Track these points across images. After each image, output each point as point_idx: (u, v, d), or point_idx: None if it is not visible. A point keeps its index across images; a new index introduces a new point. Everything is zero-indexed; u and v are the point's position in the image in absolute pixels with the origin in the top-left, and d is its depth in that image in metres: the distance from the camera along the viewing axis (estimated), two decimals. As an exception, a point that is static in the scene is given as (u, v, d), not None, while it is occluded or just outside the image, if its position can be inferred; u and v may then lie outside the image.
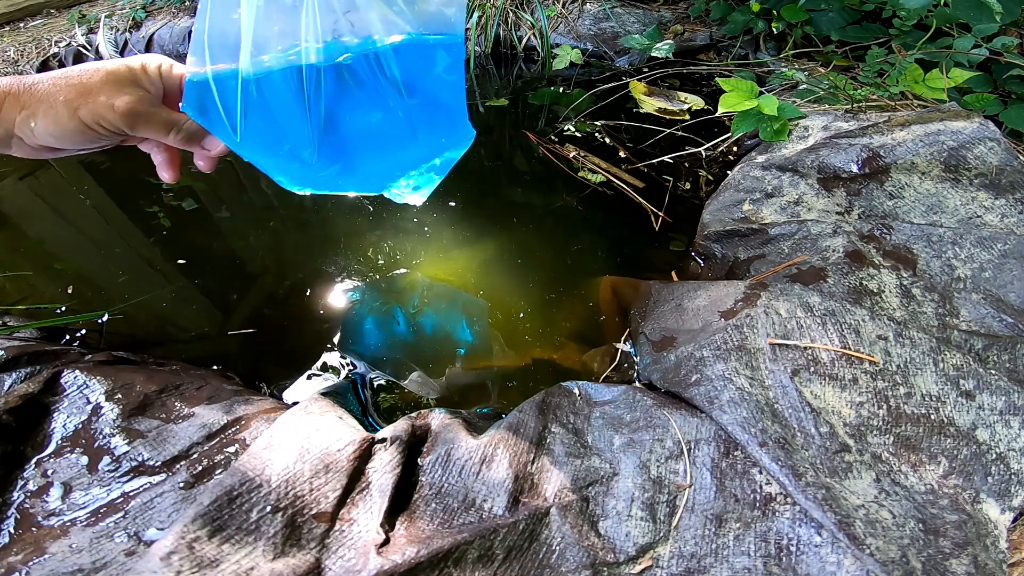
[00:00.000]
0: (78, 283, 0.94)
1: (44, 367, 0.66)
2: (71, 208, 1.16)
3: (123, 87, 0.39)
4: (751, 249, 0.80)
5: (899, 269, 0.70)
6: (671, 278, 0.84)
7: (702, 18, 1.48)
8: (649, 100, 1.24)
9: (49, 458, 0.57)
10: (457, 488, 0.53)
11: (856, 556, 0.44)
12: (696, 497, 0.51)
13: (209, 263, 0.96)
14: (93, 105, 0.38)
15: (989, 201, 0.75)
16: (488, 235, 0.95)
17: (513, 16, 1.55)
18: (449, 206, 1.02)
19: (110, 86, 0.39)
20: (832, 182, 0.82)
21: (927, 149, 0.78)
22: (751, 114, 0.95)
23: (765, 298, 0.65)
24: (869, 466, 0.50)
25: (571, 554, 0.48)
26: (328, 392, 0.66)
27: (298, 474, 0.50)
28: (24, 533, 0.51)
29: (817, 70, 1.17)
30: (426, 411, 0.63)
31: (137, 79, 0.40)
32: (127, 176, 1.24)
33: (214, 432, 0.60)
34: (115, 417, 0.60)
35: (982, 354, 0.60)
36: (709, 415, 0.56)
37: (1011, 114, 0.92)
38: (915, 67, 0.97)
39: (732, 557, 0.47)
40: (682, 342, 0.66)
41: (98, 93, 0.38)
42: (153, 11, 1.97)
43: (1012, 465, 0.51)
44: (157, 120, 0.41)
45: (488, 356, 0.77)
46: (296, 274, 0.92)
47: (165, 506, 0.52)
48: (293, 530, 0.47)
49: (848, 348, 0.59)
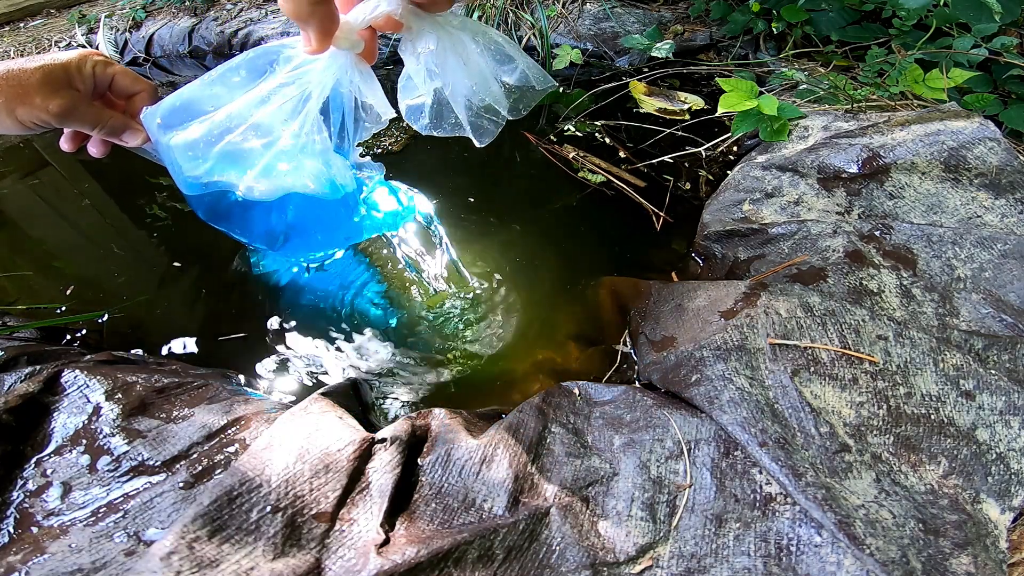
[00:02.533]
0: (78, 283, 0.94)
1: (44, 367, 0.66)
2: (71, 208, 1.16)
3: (58, 89, 0.44)
4: (751, 249, 0.80)
5: (899, 269, 0.70)
6: (671, 278, 0.84)
7: (702, 18, 1.48)
8: (649, 100, 1.24)
9: (49, 458, 0.57)
10: (457, 488, 0.53)
11: (856, 556, 0.44)
12: (696, 497, 0.51)
13: (209, 263, 0.96)
14: (28, 107, 0.43)
15: (989, 201, 0.75)
16: (487, 235, 0.95)
17: (513, 16, 1.55)
18: (449, 206, 1.02)
19: (46, 88, 0.43)
20: (832, 182, 0.82)
21: (927, 149, 0.78)
22: (751, 114, 0.95)
23: (765, 298, 0.65)
24: (869, 466, 0.50)
25: (571, 554, 0.48)
26: (328, 392, 0.66)
27: (298, 474, 0.50)
28: (24, 533, 0.51)
29: (817, 70, 1.17)
30: (426, 411, 0.63)
31: (71, 80, 0.45)
32: (127, 176, 1.24)
33: (214, 432, 0.60)
34: (115, 417, 0.60)
35: (982, 354, 0.60)
36: (709, 415, 0.56)
37: (1011, 114, 0.92)
38: (915, 67, 0.97)
39: (732, 557, 0.47)
40: (682, 342, 0.66)
41: (34, 95, 0.43)
42: (153, 11, 1.97)
43: (1012, 465, 0.51)
44: (86, 118, 0.46)
45: (488, 357, 0.77)
46: (295, 274, 0.92)
47: (165, 506, 0.52)
48: (293, 530, 0.47)
49: (848, 348, 0.59)
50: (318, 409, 0.59)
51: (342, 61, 0.41)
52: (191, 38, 1.87)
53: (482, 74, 0.42)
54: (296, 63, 0.41)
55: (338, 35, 0.38)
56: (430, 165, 1.14)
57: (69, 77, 0.45)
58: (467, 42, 0.41)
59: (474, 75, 0.42)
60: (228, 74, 0.44)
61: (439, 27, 0.40)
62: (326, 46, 0.37)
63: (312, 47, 0.37)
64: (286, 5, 0.34)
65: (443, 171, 1.11)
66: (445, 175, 1.10)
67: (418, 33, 0.40)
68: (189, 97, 0.45)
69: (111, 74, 0.48)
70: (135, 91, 0.50)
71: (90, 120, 0.46)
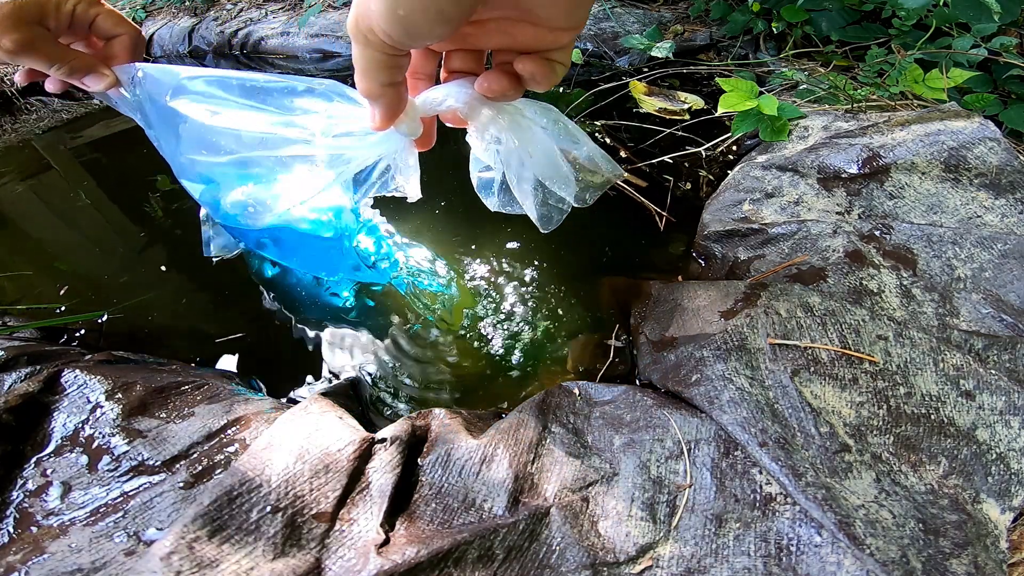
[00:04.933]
0: (78, 283, 0.94)
1: (44, 367, 0.66)
2: (71, 208, 1.16)
3: (19, 25, 0.42)
4: (751, 249, 0.80)
5: (899, 269, 0.70)
6: (674, 278, 0.84)
7: (702, 18, 1.48)
8: (649, 100, 1.24)
9: (49, 457, 0.57)
10: (457, 488, 0.53)
11: (856, 556, 0.44)
12: (696, 497, 0.51)
13: (209, 263, 0.96)
14: None
15: (989, 201, 0.75)
16: (488, 235, 0.95)
17: (513, 16, 1.55)
18: (448, 205, 1.03)
19: (7, 21, 0.42)
20: (832, 182, 0.82)
21: (927, 149, 0.78)
22: (751, 114, 0.95)
23: (765, 298, 0.65)
24: (869, 466, 0.50)
25: (571, 554, 0.48)
26: (328, 392, 0.66)
27: (298, 474, 0.50)
28: (23, 532, 0.51)
29: (817, 70, 1.17)
30: (426, 411, 0.63)
31: (44, 16, 0.43)
32: (127, 176, 1.24)
33: (214, 432, 0.60)
34: (115, 417, 0.60)
35: (982, 354, 0.60)
36: (709, 415, 0.56)
37: (1011, 114, 0.92)
38: (915, 67, 0.97)
39: (732, 557, 0.47)
40: (682, 342, 0.66)
41: None
42: (153, 11, 1.97)
43: (1012, 465, 0.51)
44: (43, 56, 0.44)
45: (488, 356, 0.77)
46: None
47: (165, 506, 0.52)
48: (293, 530, 0.47)
49: (848, 348, 0.59)
50: (318, 409, 0.59)
51: (396, 144, 0.40)
52: (191, 38, 1.87)
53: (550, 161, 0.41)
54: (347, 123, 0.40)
55: (401, 118, 0.36)
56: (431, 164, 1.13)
57: (42, 13, 0.43)
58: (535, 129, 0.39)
59: (541, 165, 0.41)
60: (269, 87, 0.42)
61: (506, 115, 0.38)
62: (388, 126, 0.36)
63: (375, 124, 0.36)
64: (360, 82, 0.33)
65: (443, 170, 1.11)
66: (446, 174, 1.10)
67: (485, 125, 0.38)
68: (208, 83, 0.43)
69: (94, 14, 0.46)
70: (116, 33, 0.48)
71: (46, 59, 0.44)
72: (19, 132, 1.48)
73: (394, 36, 0.27)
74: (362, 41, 0.29)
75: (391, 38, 0.27)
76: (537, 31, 0.31)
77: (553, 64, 0.33)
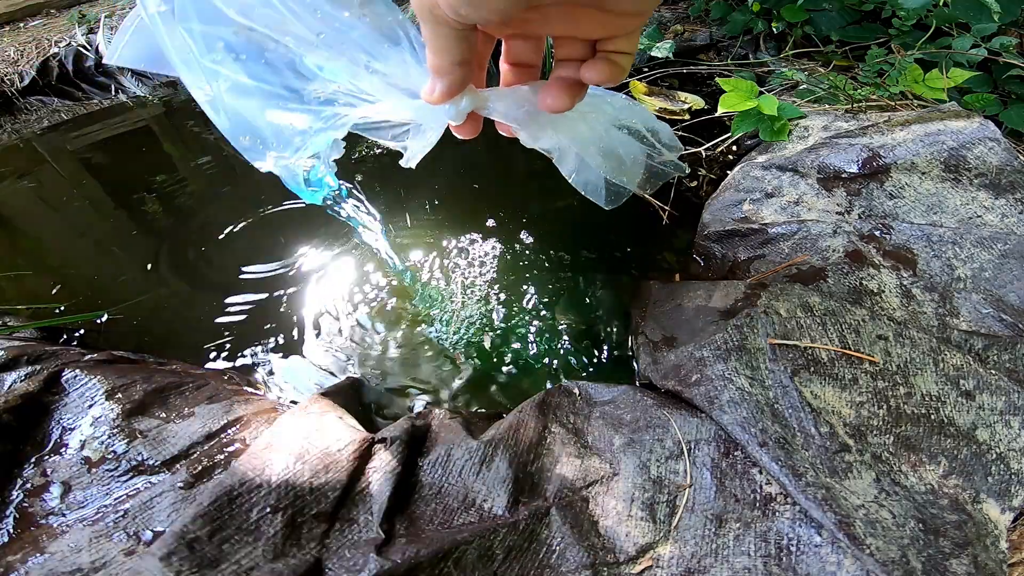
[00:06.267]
0: (78, 283, 0.94)
1: (44, 367, 0.66)
2: (71, 208, 1.16)
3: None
4: (751, 249, 0.80)
5: (899, 269, 0.70)
6: (672, 278, 0.84)
7: (702, 18, 1.48)
8: (649, 100, 1.24)
9: (49, 457, 0.57)
10: (457, 488, 0.53)
11: (856, 556, 0.44)
12: (696, 497, 0.51)
13: (209, 263, 0.96)
14: None
15: (989, 201, 0.75)
16: (489, 235, 0.95)
17: (513, 16, 1.55)
18: (448, 206, 1.03)
19: None
20: (832, 182, 0.82)
21: (927, 149, 0.78)
22: (751, 114, 0.95)
23: (765, 298, 0.65)
24: (869, 466, 0.50)
25: (571, 554, 0.48)
26: (328, 392, 0.66)
27: (298, 474, 0.50)
28: (23, 532, 0.51)
29: (817, 70, 1.17)
30: (426, 411, 0.63)
31: None
32: (127, 176, 1.24)
33: (214, 432, 0.60)
34: (115, 417, 0.60)
35: (982, 354, 0.60)
36: (709, 415, 0.56)
37: (1011, 114, 0.92)
38: (915, 67, 0.97)
39: (732, 557, 0.47)
40: (682, 342, 0.66)
41: None
42: None
43: (1012, 465, 0.51)
44: None
45: (488, 356, 0.77)
46: (292, 274, 0.92)
47: (165, 506, 0.52)
48: (293, 530, 0.47)
49: (848, 348, 0.59)
50: (318, 409, 0.59)
51: (435, 119, 0.38)
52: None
53: (608, 152, 0.39)
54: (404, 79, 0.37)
55: (456, 99, 0.35)
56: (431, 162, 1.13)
57: None
58: (585, 133, 0.37)
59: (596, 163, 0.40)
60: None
61: (555, 123, 0.36)
62: (441, 103, 0.35)
63: (431, 98, 0.34)
64: (431, 58, 0.32)
65: (444, 169, 1.11)
66: (446, 173, 1.10)
67: (535, 133, 0.37)
68: None
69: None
70: None
71: None
72: (19, 132, 1.48)
73: (458, 8, 0.27)
74: (429, 19, 0.29)
75: (455, 11, 0.27)
76: (603, 17, 0.29)
77: (618, 63, 0.31)
